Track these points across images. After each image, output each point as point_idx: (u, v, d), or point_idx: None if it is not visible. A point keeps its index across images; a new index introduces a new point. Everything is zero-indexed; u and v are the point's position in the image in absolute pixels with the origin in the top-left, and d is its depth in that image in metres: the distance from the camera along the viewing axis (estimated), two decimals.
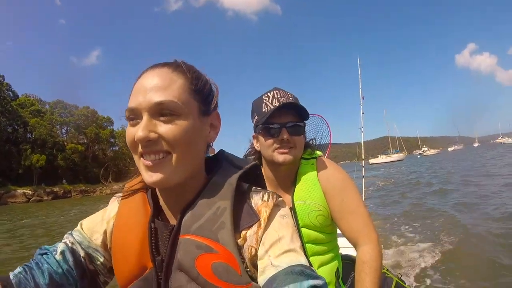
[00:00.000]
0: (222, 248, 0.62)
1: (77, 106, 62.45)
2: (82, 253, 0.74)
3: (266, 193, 0.70)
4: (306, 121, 1.35)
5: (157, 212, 0.73)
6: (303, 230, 1.28)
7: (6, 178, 44.81)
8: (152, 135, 0.62)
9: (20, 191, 43.32)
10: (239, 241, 0.65)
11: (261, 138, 1.30)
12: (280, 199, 0.71)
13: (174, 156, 0.63)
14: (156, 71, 0.66)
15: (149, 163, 0.63)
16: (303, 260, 0.62)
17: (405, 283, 1.50)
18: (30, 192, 44.00)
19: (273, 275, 0.59)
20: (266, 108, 1.27)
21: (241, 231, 0.66)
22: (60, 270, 0.70)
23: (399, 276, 1.55)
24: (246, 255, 0.65)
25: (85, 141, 60.10)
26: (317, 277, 0.59)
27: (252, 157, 1.42)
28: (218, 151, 0.80)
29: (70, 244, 0.74)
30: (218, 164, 0.75)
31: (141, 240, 0.68)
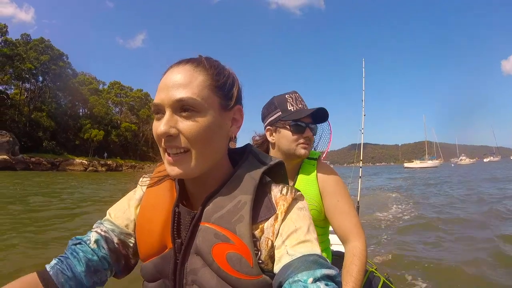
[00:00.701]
0: (238, 240, 0.64)
1: (131, 88, 65.58)
2: (115, 240, 0.77)
3: (285, 187, 0.73)
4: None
5: (182, 197, 0.76)
6: None
7: (63, 147, 48.06)
8: (173, 130, 0.64)
9: (78, 160, 46.15)
10: (256, 232, 0.68)
11: (285, 132, 1.42)
12: (298, 193, 0.73)
13: (193, 152, 0.66)
14: (180, 68, 0.68)
15: (170, 158, 0.66)
16: (318, 251, 0.64)
17: (392, 283, 1.56)
18: (86, 162, 46.66)
19: (288, 262, 0.62)
20: (293, 108, 1.42)
21: (259, 223, 0.68)
22: (95, 258, 0.73)
23: (387, 276, 1.63)
24: (263, 246, 0.67)
25: (137, 121, 62.81)
26: (330, 267, 0.61)
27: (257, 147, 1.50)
28: (245, 145, 0.82)
29: (102, 233, 0.77)
30: (244, 157, 0.77)
31: (164, 222, 0.72)
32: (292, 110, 1.41)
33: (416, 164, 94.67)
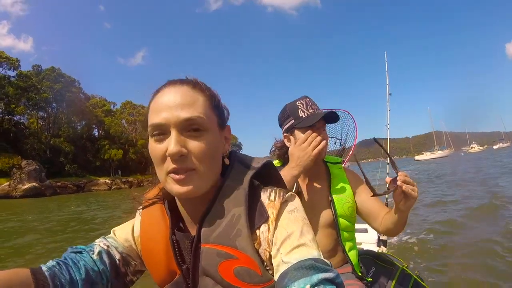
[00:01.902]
0: (241, 254, 0.64)
1: (143, 105, 66.18)
2: (117, 256, 0.78)
3: (273, 192, 0.71)
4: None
5: (177, 221, 0.76)
6: (339, 219, 1.46)
7: (85, 169, 49.56)
8: (184, 150, 0.64)
9: (102, 180, 47.74)
10: (255, 244, 0.67)
11: (299, 137, 1.46)
12: (288, 194, 0.72)
13: (200, 171, 0.66)
14: (176, 88, 0.68)
15: (179, 177, 0.64)
16: (314, 253, 0.62)
17: (423, 281, 1.57)
18: (109, 181, 48.19)
19: (284, 271, 0.60)
20: (303, 114, 1.45)
21: (255, 230, 0.68)
22: (96, 269, 0.73)
23: (418, 274, 1.63)
24: (263, 258, 0.67)
25: None
26: (328, 270, 0.59)
27: (278, 153, 1.61)
28: (230, 152, 0.80)
29: (105, 247, 0.78)
30: (230, 165, 0.75)
31: (165, 251, 0.72)
32: (303, 116, 1.46)
33: (426, 156, 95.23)
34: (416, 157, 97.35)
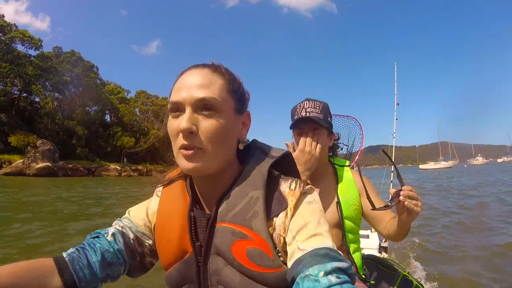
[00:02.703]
0: (255, 235, 0.66)
1: (157, 96, 67.93)
2: (131, 236, 0.80)
3: (294, 182, 0.73)
4: (329, 125, 1.52)
5: (195, 200, 0.77)
6: (345, 221, 1.47)
7: (96, 154, 50.41)
8: (194, 128, 0.66)
9: (112, 166, 48.54)
10: (270, 229, 0.68)
11: (295, 139, 1.53)
12: (307, 186, 0.73)
13: (208, 150, 0.68)
14: (198, 70, 0.71)
15: (187, 152, 0.67)
16: (329, 244, 0.63)
17: (423, 287, 1.58)
18: (119, 168, 48.95)
19: (299, 257, 0.62)
20: (297, 116, 1.50)
21: (273, 218, 0.69)
22: (111, 250, 0.76)
23: (419, 280, 1.66)
24: (277, 243, 0.68)
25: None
26: (342, 259, 0.60)
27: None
28: (251, 141, 0.83)
29: (120, 228, 0.80)
30: (251, 153, 0.78)
31: (181, 227, 0.73)
32: (296, 118, 1.51)
33: (430, 165, 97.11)
34: (421, 166, 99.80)
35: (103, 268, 0.74)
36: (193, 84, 0.69)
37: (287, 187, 0.72)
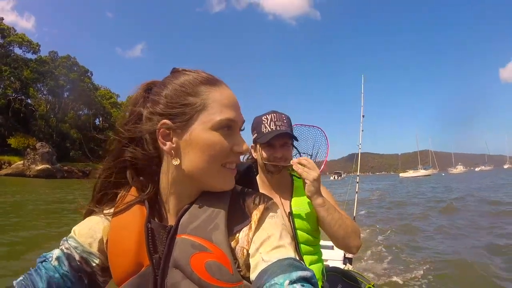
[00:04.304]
0: (215, 248, 0.65)
1: None
2: (77, 257, 0.75)
3: (258, 196, 0.74)
4: (297, 140, 1.58)
5: (152, 213, 0.75)
6: (298, 232, 1.46)
7: (88, 157, 52.39)
8: None
9: None
10: (232, 243, 0.68)
11: (260, 151, 1.51)
12: (270, 201, 0.74)
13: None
14: (229, 89, 0.73)
15: (234, 170, 0.72)
16: (292, 254, 0.64)
17: None
18: None
19: (264, 268, 0.62)
20: (265, 129, 1.48)
21: (235, 233, 0.69)
22: (57, 275, 0.72)
23: None
24: (239, 256, 0.68)
25: None
26: (305, 269, 0.61)
27: (250, 159, 1.64)
28: None
29: (65, 250, 0.76)
30: None
31: (137, 240, 0.71)
32: (264, 132, 1.48)
33: (410, 173, 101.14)
34: (401, 175, 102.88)
35: None
36: (238, 105, 0.71)
37: (251, 202, 0.73)
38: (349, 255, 2.89)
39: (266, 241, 0.66)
